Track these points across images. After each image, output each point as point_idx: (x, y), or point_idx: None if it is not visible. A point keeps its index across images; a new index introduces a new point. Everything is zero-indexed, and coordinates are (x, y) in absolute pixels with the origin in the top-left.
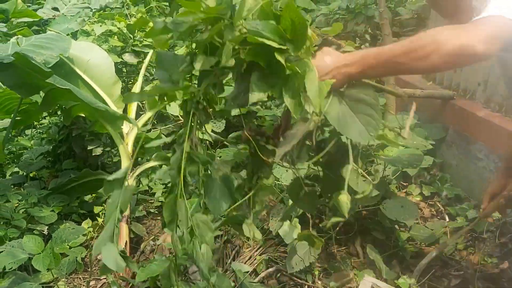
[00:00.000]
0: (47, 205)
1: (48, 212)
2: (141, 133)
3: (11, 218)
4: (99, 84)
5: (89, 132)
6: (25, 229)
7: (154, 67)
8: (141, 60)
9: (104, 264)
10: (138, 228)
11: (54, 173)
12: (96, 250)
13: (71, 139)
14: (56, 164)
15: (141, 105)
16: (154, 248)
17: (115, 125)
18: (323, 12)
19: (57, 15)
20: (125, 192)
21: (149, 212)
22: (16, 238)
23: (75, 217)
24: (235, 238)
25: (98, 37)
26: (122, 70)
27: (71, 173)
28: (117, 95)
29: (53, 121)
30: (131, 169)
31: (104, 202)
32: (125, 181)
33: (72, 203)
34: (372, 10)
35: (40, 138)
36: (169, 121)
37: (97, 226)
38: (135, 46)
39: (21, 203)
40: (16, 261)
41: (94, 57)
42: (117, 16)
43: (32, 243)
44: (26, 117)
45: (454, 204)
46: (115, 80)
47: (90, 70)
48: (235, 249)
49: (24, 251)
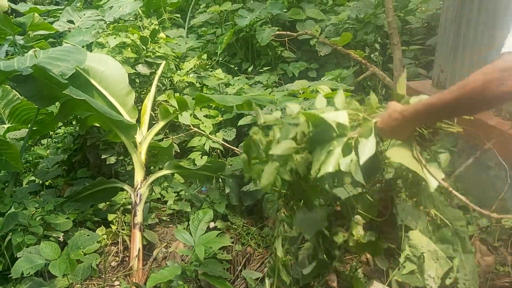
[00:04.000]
0: (63, 212)
1: (64, 220)
2: (154, 142)
3: (29, 225)
4: (113, 95)
5: (103, 142)
6: (41, 236)
7: (166, 77)
8: (154, 71)
9: None
10: (151, 235)
11: (69, 182)
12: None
13: (85, 148)
14: (71, 172)
15: (154, 115)
16: (166, 255)
17: (129, 134)
18: (333, 22)
19: (72, 27)
20: None
21: (162, 219)
22: (33, 244)
23: (90, 225)
24: (246, 246)
25: (112, 49)
26: (135, 81)
27: (85, 182)
28: (130, 105)
29: (68, 131)
30: (144, 177)
31: (117, 210)
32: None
33: (86, 210)
34: (381, 19)
35: (55, 147)
36: (181, 130)
37: (110, 233)
38: (148, 57)
39: (37, 210)
40: (33, 267)
41: (108, 68)
42: (131, 28)
43: (49, 249)
44: (42, 127)
45: (465, 213)
46: (129, 91)
47: (105, 81)
48: (246, 256)
49: (41, 257)
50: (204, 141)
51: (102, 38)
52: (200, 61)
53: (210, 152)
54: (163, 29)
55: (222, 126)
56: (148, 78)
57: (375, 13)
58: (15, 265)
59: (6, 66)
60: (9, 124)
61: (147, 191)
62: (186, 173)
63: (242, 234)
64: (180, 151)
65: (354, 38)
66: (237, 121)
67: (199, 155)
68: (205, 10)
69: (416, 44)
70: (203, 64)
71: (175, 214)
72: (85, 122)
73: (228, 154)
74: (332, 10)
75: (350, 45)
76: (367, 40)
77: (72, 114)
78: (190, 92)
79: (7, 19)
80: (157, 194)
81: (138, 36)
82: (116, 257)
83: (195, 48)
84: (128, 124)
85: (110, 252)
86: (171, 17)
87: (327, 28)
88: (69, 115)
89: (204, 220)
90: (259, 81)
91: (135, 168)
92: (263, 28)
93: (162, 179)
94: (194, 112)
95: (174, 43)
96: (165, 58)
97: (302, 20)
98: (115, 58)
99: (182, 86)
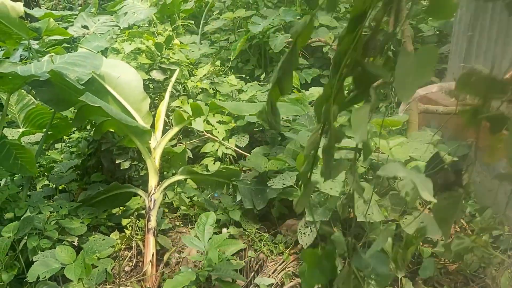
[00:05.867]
0: (77, 217)
1: (78, 224)
2: (168, 147)
3: (44, 229)
4: (128, 100)
5: (117, 147)
6: (56, 240)
7: (180, 83)
8: (168, 77)
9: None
10: (164, 240)
11: (82, 186)
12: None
13: (99, 153)
14: (85, 177)
15: (167, 121)
16: (179, 260)
17: (143, 139)
18: None
19: (86, 33)
20: None
21: (175, 225)
22: (48, 248)
23: (103, 229)
24: (259, 252)
25: (127, 55)
26: (149, 87)
27: (99, 186)
28: (145, 111)
29: (82, 136)
30: (158, 183)
31: (131, 214)
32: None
33: (100, 215)
34: None
35: (69, 152)
36: (194, 135)
37: (124, 238)
38: (162, 63)
39: (52, 214)
40: (49, 271)
41: (123, 74)
42: (146, 35)
43: (64, 254)
44: (56, 132)
45: None
46: (144, 97)
47: (120, 86)
48: (259, 263)
49: (57, 261)
50: (217, 147)
51: (118, 44)
52: (214, 67)
53: (223, 158)
54: (176, 35)
55: (235, 132)
56: (161, 84)
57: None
58: (31, 269)
59: (23, 71)
60: (24, 129)
61: (161, 196)
62: (199, 179)
63: (255, 240)
64: (193, 157)
65: None
66: (250, 128)
67: (212, 161)
68: (218, 16)
69: None
70: (216, 70)
71: (188, 220)
72: (101, 127)
73: (241, 160)
74: (344, 17)
75: None
76: None
77: (88, 119)
78: (204, 98)
79: (23, 24)
80: (170, 199)
81: (153, 42)
82: (130, 262)
83: (208, 54)
84: (143, 129)
85: (124, 257)
86: (184, 23)
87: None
88: (85, 120)
89: (208, 223)
90: None
91: (149, 173)
92: (276, 35)
93: (176, 185)
94: (207, 118)
95: (188, 50)
96: (179, 65)
97: (315, 27)
98: (130, 64)
99: (196, 92)
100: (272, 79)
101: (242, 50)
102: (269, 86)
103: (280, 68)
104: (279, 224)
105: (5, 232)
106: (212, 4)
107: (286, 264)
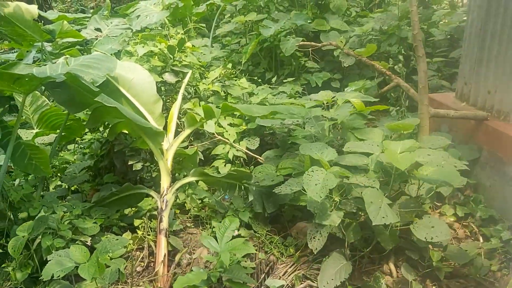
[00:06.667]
0: (90, 217)
1: (91, 224)
2: (180, 149)
3: (58, 228)
4: (141, 102)
5: (130, 148)
6: (69, 240)
7: (191, 86)
8: (180, 79)
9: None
10: (175, 241)
11: (94, 187)
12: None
13: (112, 154)
14: (97, 178)
15: (179, 123)
16: (190, 261)
17: (156, 141)
18: (357, 33)
19: (99, 35)
20: None
21: (186, 226)
22: (61, 247)
23: (116, 230)
24: (269, 255)
25: (141, 58)
26: (161, 89)
27: (112, 187)
28: (158, 113)
29: (95, 137)
30: (170, 184)
31: (143, 215)
32: None
33: (112, 216)
34: (405, 31)
35: (82, 153)
36: (205, 138)
37: (136, 239)
38: (174, 66)
39: (66, 214)
40: (63, 270)
41: (137, 77)
42: (158, 38)
43: (78, 253)
44: (70, 133)
45: (488, 225)
46: (157, 99)
47: (133, 88)
48: (269, 265)
49: (71, 260)
50: (228, 149)
51: (131, 46)
52: (225, 70)
53: (234, 160)
54: (188, 38)
55: (246, 134)
56: (173, 87)
57: (399, 25)
58: (46, 268)
59: (39, 72)
60: (38, 130)
61: (173, 197)
62: (210, 181)
63: (265, 242)
64: (204, 159)
65: (377, 49)
66: (260, 130)
67: (223, 163)
68: (230, 20)
69: (439, 56)
70: (228, 73)
71: (199, 221)
72: (114, 128)
73: (251, 162)
74: (355, 21)
75: (373, 56)
76: (391, 52)
77: (102, 120)
78: (215, 100)
79: (37, 26)
80: (182, 200)
81: (166, 45)
82: (142, 262)
83: (219, 57)
84: (156, 131)
85: (136, 257)
86: (196, 26)
87: (351, 39)
88: (99, 122)
89: (231, 228)
90: (283, 91)
91: (161, 174)
92: (287, 38)
93: (187, 186)
94: (218, 121)
95: (200, 52)
96: (191, 67)
97: (326, 31)
98: (143, 67)
99: (207, 95)
100: None
101: (253, 53)
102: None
103: None
104: (290, 227)
105: (20, 231)
106: (224, 7)
107: (297, 267)
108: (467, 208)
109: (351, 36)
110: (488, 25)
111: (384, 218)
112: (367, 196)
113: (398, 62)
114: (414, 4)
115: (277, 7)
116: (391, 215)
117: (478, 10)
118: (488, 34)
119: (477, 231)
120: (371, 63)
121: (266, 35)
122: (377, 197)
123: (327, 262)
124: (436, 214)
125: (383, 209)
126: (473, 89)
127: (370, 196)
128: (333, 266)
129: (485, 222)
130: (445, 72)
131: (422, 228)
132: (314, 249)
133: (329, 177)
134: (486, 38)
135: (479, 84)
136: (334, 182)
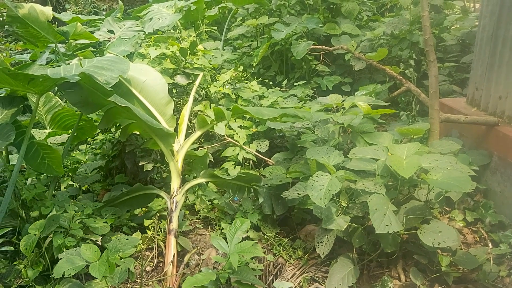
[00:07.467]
0: (100, 216)
1: (102, 224)
2: (190, 150)
3: (69, 227)
4: (153, 104)
5: (141, 149)
6: (80, 239)
7: (203, 88)
8: (191, 82)
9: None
10: (185, 242)
11: (105, 187)
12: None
13: (123, 155)
14: (108, 178)
15: (190, 125)
16: (199, 262)
17: (167, 142)
18: (368, 37)
19: (112, 37)
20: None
21: (195, 227)
22: (72, 246)
23: (126, 229)
24: (277, 257)
25: (153, 60)
26: (172, 91)
27: (122, 187)
28: (169, 115)
29: (106, 138)
30: (180, 185)
31: (153, 216)
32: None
33: (122, 216)
34: (416, 36)
35: (93, 153)
36: (215, 139)
37: (146, 239)
38: (186, 68)
39: (77, 214)
40: (74, 268)
41: (149, 79)
42: (171, 40)
43: (89, 252)
44: (82, 133)
45: (497, 231)
46: (168, 101)
47: (145, 90)
48: (277, 267)
49: (82, 259)
50: (237, 152)
51: (144, 48)
52: (236, 73)
53: (243, 162)
54: (200, 41)
55: (256, 137)
56: (184, 89)
57: (410, 30)
58: (57, 266)
59: (53, 73)
60: (50, 130)
61: (183, 198)
62: (220, 182)
63: (274, 244)
64: (213, 160)
65: (388, 53)
66: (270, 133)
67: (233, 165)
68: (241, 23)
69: (450, 61)
70: (238, 76)
71: (208, 222)
72: (126, 129)
73: (261, 165)
74: (367, 25)
75: (384, 60)
76: (402, 56)
77: (114, 121)
78: (225, 103)
79: (51, 28)
80: (191, 201)
81: (178, 48)
82: (151, 262)
83: (230, 60)
84: (167, 132)
85: (146, 257)
86: (208, 29)
87: (362, 43)
88: (111, 123)
89: (241, 229)
90: (294, 94)
91: (171, 175)
92: (298, 42)
93: (197, 187)
94: (228, 123)
95: (211, 55)
96: (202, 70)
97: (337, 35)
98: (155, 69)
99: (218, 97)
100: None
101: (264, 56)
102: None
103: None
104: (299, 229)
105: (32, 230)
106: (236, 11)
107: (305, 269)
108: (476, 213)
109: (362, 40)
110: (500, 31)
111: (388, 226)
112: (372, 203)
113: (409, 67)
114: (426, 9)
115: (288, 10)
116: (395, 223)
117: (490, 15)
118: (500, 39)
119: (486, 236)
120: (382, 67)
121: (277, 38)
122: (382, 204)
123: (335, 266)
124: (446, 219)
125: (387, 217)
126: (484, 94)
127: (375, 203)
128: (341, 270)
129: (494, 227)
130: (456, 77)
131: (429, 234)
132: (321, 253)
133: (333, 182)
134: (498, 44)
135: (490, 90)
136: (338, 187)
